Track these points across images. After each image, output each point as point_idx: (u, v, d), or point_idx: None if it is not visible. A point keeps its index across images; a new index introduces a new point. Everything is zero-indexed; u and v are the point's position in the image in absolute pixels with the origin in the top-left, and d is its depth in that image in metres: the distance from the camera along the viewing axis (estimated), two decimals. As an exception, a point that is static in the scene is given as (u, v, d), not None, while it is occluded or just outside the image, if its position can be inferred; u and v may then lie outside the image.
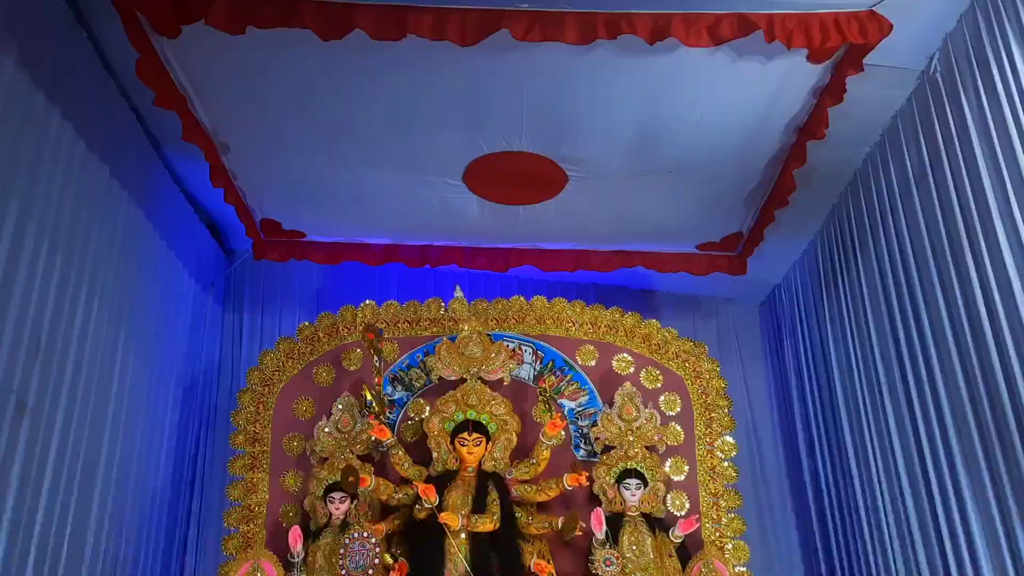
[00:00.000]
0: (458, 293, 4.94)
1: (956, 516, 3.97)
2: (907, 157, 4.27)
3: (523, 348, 4.91)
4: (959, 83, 3.77)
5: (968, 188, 3.72)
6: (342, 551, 4.05)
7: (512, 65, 3.87)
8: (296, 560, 4.15)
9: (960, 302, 3.83)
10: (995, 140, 3.52)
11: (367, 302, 5.01)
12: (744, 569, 4.46)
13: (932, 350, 4.11)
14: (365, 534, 4.09)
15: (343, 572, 4.01)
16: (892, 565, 4.58)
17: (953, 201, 3.85)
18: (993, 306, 3.57)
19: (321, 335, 4.94)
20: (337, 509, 4.30)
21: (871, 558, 4.80)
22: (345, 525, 4.23)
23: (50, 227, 3.73)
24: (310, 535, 4.34)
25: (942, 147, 3.92)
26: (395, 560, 4.25)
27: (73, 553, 3.93)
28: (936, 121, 3.97)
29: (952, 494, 4.00)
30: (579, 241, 5.62)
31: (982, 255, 3.63)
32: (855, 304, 4.97)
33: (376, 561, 4.03)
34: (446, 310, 4.97)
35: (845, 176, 4.94)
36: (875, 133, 4.55)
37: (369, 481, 4.26)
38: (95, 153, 4.14)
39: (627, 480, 4.44)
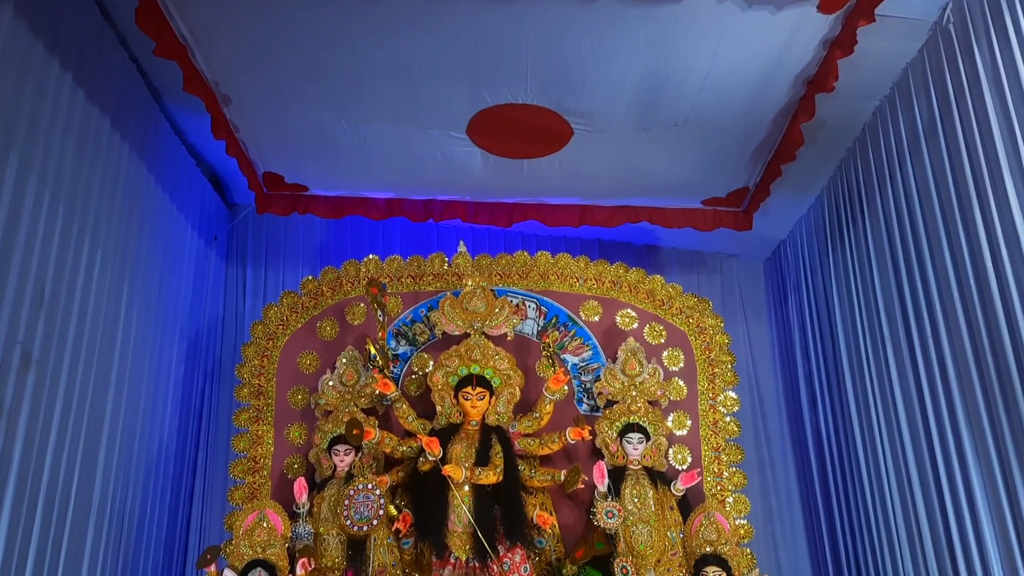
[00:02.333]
0: (462, 248, 4.93)
1: (957, 471, 4.00)
2: (917, 111, 4.22)
3: (527, 303, 4.91)
4: (972, 35, 3.71)
5: (978, 142, 3.68)
6: (346, 502, 4.09)
7: (517, 16, 3.81)
8: (301, 511, 4.20)
9: (967, 257, 3.81)
10: (1007, 94, 3.47)
11: (370, 257, 5.00)
12: (744, 521, 4.51)
13: (937, 306, 4.10)
14: (369, 486, 4.13)
15: (348, 523, 4.06)
16: (892, 518, 4.62)
17: (963, 155, 3.80)
18: (1000, 262, 3.55)
19: (324, 289, 4.94)
20: (341, 461, 4.34)
21: (871, 511, 4.85)
22: (349, 477, 4.27)
23: (51, 179, 3.72)
24: (315, 486, 4.39)
25: (953, 100, 3.87)
26: (399, 511, 4.30)
27: (81, 504, 3.97)
28: (947, 74, 3.92)
29: (954, 450, 4.02)
30: (584, 196, 5.59)
31: (990, 210, 3.60)
32: (860, 260, 4.95)
33: (380, 512, 4.08)
34: (450, 265, 4.96)
35: (853, 130, 4.89)
36: (885, 86, 4.49)
37: (373, 434, 4.29)
38: (95, 105, 4.10)
39: (629, 434, 4.47)
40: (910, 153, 4.32)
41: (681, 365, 4.81)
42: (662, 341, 4.85)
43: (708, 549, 4.13)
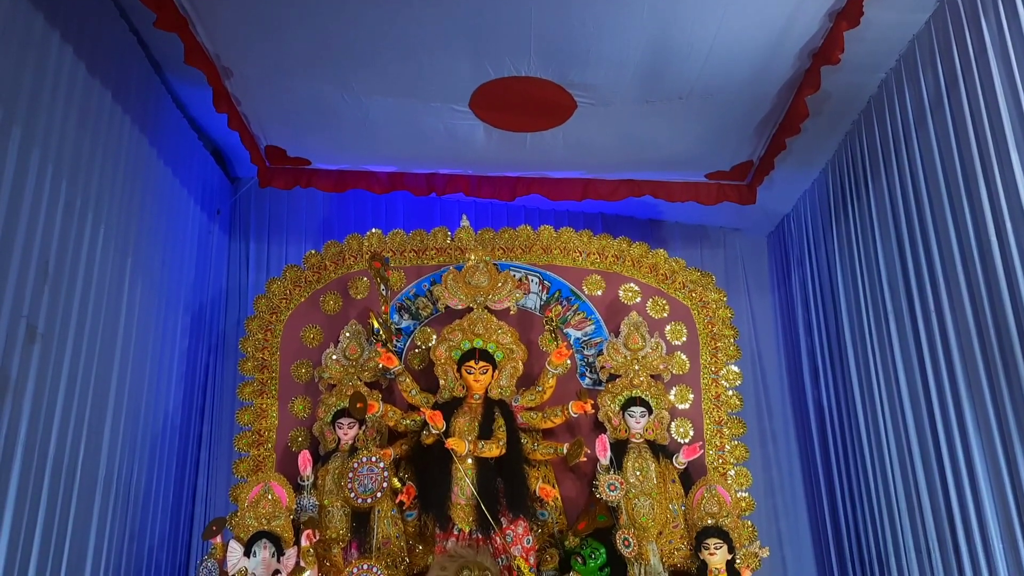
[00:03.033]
0: (464, 222, 4.93)
1: (958, 444, 4.01)
2: (923, 83, 4.18)
3: (530, 278, 4.91)
4: (979, 7, 3.66)
5: (984, 116, 3.65)
6: (351, 475, 4.12)
7: (520, -14, 3.78)
8: (306, 483, 4.23)
9: (971, 232, 3.80)
10: (1014, 66, 3.43)
11: (373, 231, 5.01)
12: (746, 494, 4.54)
13: (941, 281, 4.10)
14: (373, 458, 4.16)
15: (352, 495, 4.10)
16: (892, 491, 4.65)
17: (969, 129, 3.78)
18: (1005, 237, 3.53)
19: (328, 263, 4.95)
20: (345, 434, 4.36)
21: (872, 484, 4.88)
22: (353, 450, 4.30)
23: (54, 152, 3.71)
24: (319, 459, 4.42)
25: (959, 73, 3.84)
26: (403, 484, 4.33)
27: (87, 476, 4.01)
28: (954, 46, 3.88)
29: (955, 423, 4.03)
30: (587, 170, 5.56)
31: (996, 185, 3.58)
32: (864, 234, 4.94)
33: (384, 484, 4.11)
34: (452, 239, 4.96)
35: (859, 103, 4.85)
36: (891, 58, 4.45)
37: (377, 407, 4.31)
38: (96, 78, 4.09)
39: (632, 408, 4.49)
40: (915, 126, 4.29)
41: (684, 339, 4.82)
42: (665, 315, 4.86)
43: (710, 521, 4.17)
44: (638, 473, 4.33)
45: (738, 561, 4.03)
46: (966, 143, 3.79)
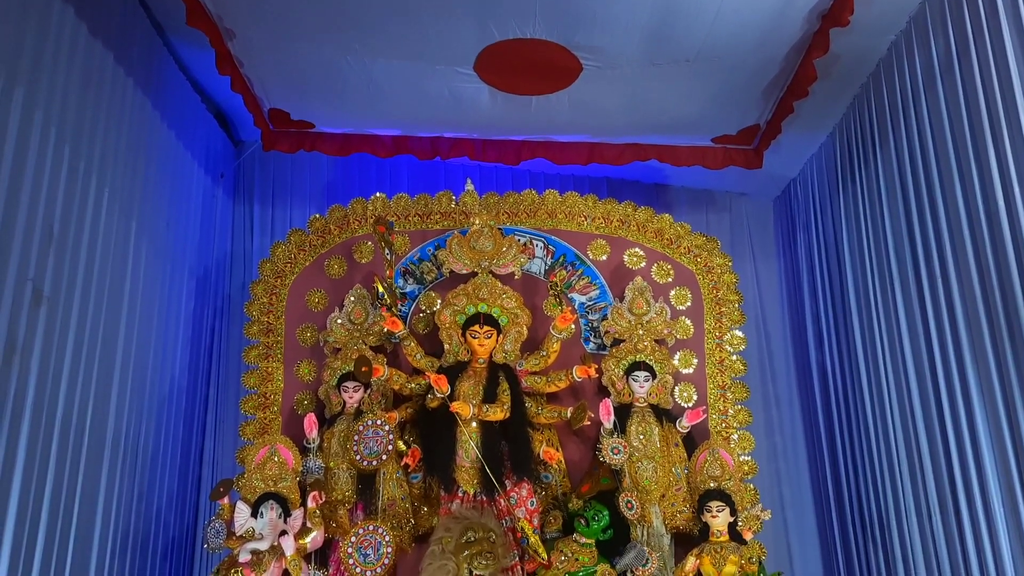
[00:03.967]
0: (469, 186, 4.91)
1: (961, 410, 4.02)
2: (933, 46, 4.13)
3: (534, 242, 4.90)
4: (993, -33, 3.61)
5: (995, 79, 3.61)
6: (356, 438, 4.15)
7: (525, -54, 3.73)
8: (311, 445, 4.27)
9: (979, 198, 3.77)
10: (1027, 28, 3.39)
11: (377, 195, 4.99)
12: (749, 458, 4.57)
13: (947, 246, 4.08)
14: (379, 422, 4.18)
15: (357, 457, 4.13)
16: (895, 455, 4.67)
17: (979, 93, 3.74)
18: (1013, 203, 3.51)
19: (332, 227, 4.94)
20: (351, 398, 4.39)
21: (874, 448, 4.90)
22: (359, 413, 4.33)
23: (56, 115, 3.69)
24: (325, 422, 4.45)
25: (971, 35, 3.79)
26: (408, 447, 4.37)
27: (95, 438, 4.04)
28: (966, 7, 3.82)
29: (959, 388, 4.04)
30: (592, 133, 5.52)
31: (1005, 149, 3.55)
32: (871, 199, 4.91)
33: (389, 447, 4.14)
34: (457, 203, 4.94)
35: (868, 66, 4.79)
36: (901, 20, 4.39)
37: (382, 371, 4.33)
38: (98, 39, 4.06)
39: (636, 372, 4.51)
40: (925, 90, 4.24)
41: (688, 304, 4.82)
42: (670, 280, 4.85)
43: (712, 485, 4.20)
44: (641, 437, 4.36)
45: (740, 524, 4.07)
46: (976, 107, 3.75)
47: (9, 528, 3.33)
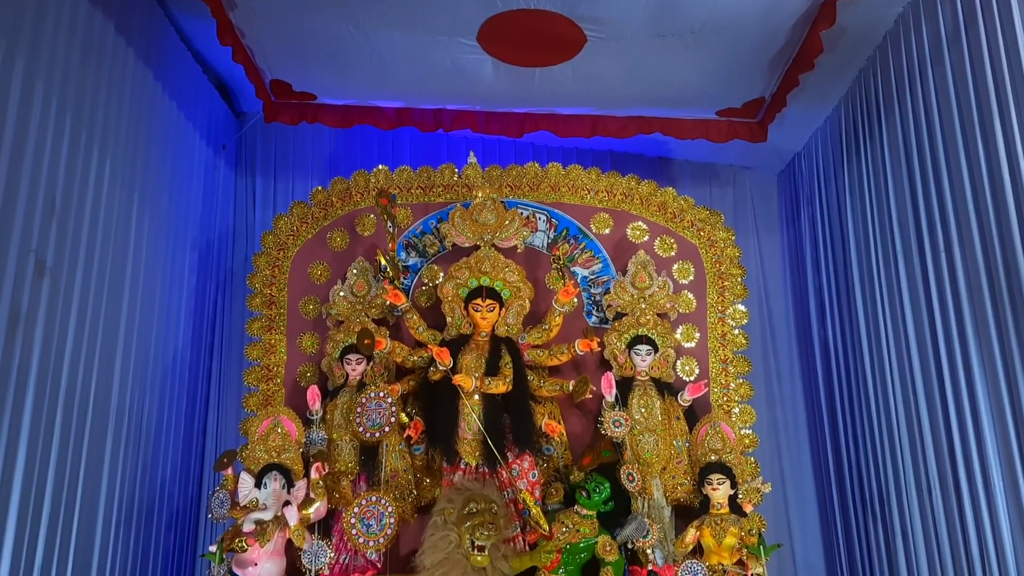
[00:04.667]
0: (472, 159, 4.88)
1: (963, 384, 4.03)
2: (940, 18, 4.09)
3: (537, 216, 4.89)
4: (1002, -63, 3.56)
5: (1003, 52, 3.58)
6: (359, 410, 4.17)
7: (530, -85, 3.68)
8: (315, 417, 4.30)
9: (984, 173, 3.75)
10: (1036, 0, 3.35)
11: (380, 167, 4.97)
12: (750, 431, 4.59)
13: (951, 220, 4.06)
14: (381, 394, 4.20)
15: (360, 429, 4.15)
16: (895, 429, 4.68)
17: (986, 66, 3.70)
18: (1018, 177, 3.49)
19: (334, 200, 4.93)
20: (353, 370, 4.40)
21: (875, 422, 4.91)
22: (361, 385, 4.34)
23: (58, 85, 3.68)
24: (327, 394, 4.47)
25: (978, 7, 3.74)
26: (410, 419, 4.39)
27: (99, 409, 4.07)
28: (975, -22, 3.78)
29: (960, 365, 4.04)
30: (596, 106, 5.48)
31: (1011, 124, 3.53)
32: (876, 173, 4.88)
33: (392, 420, 4.16)
34: (460, 176, 4.92)
35: (875, 38, 4.75)
36: (909, -8, 4.35)
37: (384, 344, 4.34)
38: (99, 9, 4.03)
39: (638, 346, 4.52)
40: (932, 63, 4.21)
41: (691, 278, 4.81)
42: (672, 254, 4.85)
43: (713, 458, 4.22)
44: (643, 410, 4.38)
45: (740, 496, 4.09)
46: (983, 80, 3.72)
47: (15, 500, 3.36)
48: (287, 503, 3.97)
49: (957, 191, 4.00)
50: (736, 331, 4.75)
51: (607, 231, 4.87)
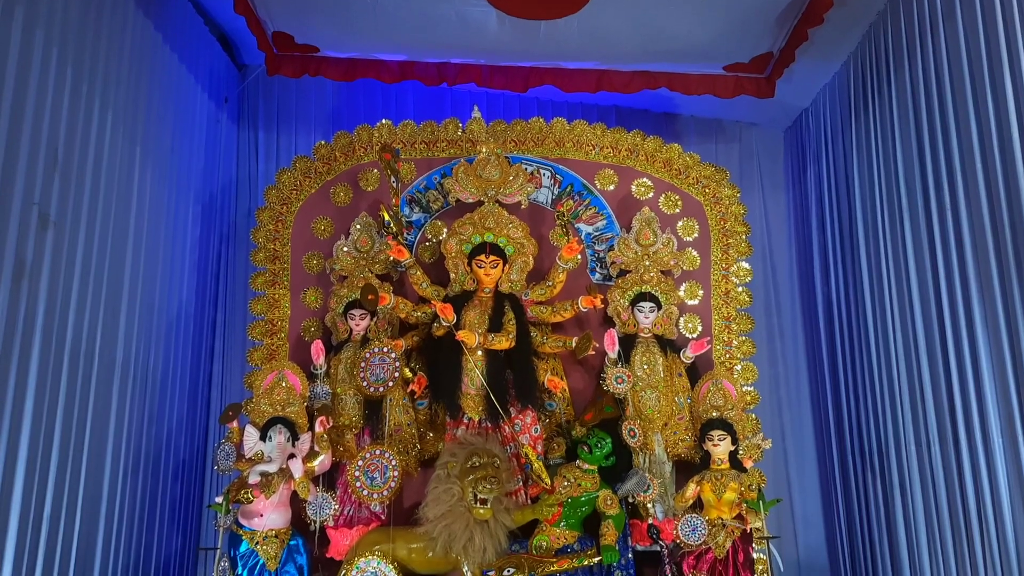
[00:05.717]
0: (476, 114, 4.84)
1: (965, 344, 4.03)
2: (954, -28, 4.02)
3: (541, 171, 4.86)
4: None
5: (1016, 8, 3.52)
6: (363, 364, 4.19)
7: None
8: (319, 371, 4.32)
9: (993, 129, 3.71)
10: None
11: (383, 121, 4.94)
12: (751, 388, 4.62)
13: (959, 179, 4.03)
14: (385, 349, 4.22)
15: (364, 384, 4.18)
16: (896, 386, 4.70)
17: (998, 23, 3.65)
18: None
19: (337, 154, 4.90)
20: (357, 325, 4.42)
21: (876, 379, 4.93)
22: (365, 340, 4.37)
23: (58, 35, 3.64)
24: (331, 349, 4.49)
25: (993, -39, 3.68)
26: (414, 374, 4.41)
27: (105, 361, 4.09)
28: (990, -68, 3.70)
29: (963, 322, 4.04)
30: (601, 60, 5.41)
31: (1021, 81, 3.48)
32: (884, 129, 4.83)
33: (396, 375, 4.18)
34: (463, 131, 4.88)
35: (886, -7, 4.67)
36: (923, -56, 4.26)
37: (388, 299, 4.35)
38: (98, -42, 3.97)
39: (641, 303, 4.52)
40: (943, 18, 4.14)
41: (695, 235, 4.80)
42: (677, 211, 4.83)
43: (714, 414, 4.25)
44: (645, 367, 4.40)
45: (741, 452, 4.12)
46: (994, 38, 3.67)
47: (23, 451, 3.40)
48: (292, 456, 4.01)
49: (965, 148, 3.96)
50: (740, 289, 4.75)
51: (612, 187, 4.84)
